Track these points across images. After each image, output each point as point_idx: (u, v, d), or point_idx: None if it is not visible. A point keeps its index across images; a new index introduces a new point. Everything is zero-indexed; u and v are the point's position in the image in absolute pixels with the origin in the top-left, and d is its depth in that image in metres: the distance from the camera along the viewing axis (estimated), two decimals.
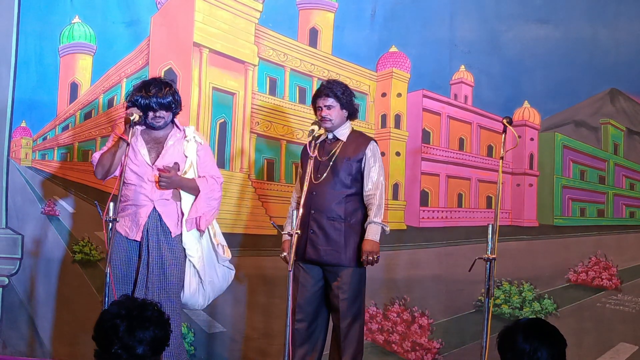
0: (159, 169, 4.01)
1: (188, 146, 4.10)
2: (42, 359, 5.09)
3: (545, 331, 2.71)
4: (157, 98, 3.99)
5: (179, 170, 4.07)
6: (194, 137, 4.12)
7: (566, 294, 4.59)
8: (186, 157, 4.08)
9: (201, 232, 4.09)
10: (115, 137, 4.07)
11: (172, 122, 4.14)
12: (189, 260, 4.06)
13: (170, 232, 4.03)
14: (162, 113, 4.03)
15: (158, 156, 4.06)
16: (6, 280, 5.23)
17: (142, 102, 3.99)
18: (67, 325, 5.05)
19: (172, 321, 3.87)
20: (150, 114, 4.03)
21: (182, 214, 4.06)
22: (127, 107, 4.05)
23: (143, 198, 4.02)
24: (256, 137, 5.00)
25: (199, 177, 4.11)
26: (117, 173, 4.09)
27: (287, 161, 4.98)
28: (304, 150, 4.17)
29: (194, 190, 4.05)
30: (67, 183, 5.23)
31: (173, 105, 4.06)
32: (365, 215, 4.12)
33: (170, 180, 4.00)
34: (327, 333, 4.20)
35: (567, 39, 4.59)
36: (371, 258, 4.04)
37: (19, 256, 5.21)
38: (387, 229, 4.14)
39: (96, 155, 4.13)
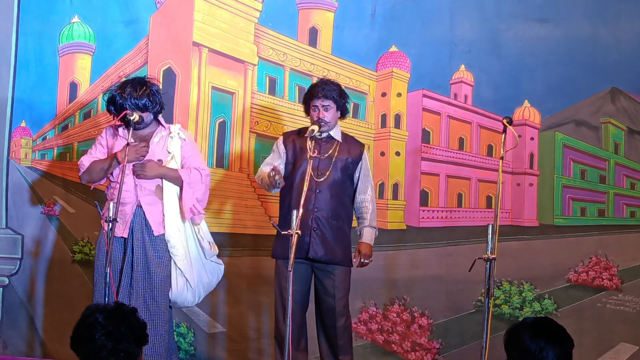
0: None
1: (172, 142, 4.12)
2: (42, 359, 5.09)
3: (552, 331, 2.70)
4: (131, 99, 4.00)
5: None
6: (178, 133, 4.14)
7: (566, 294, 4.58)
8: (169, 153, 4.10)
9: (196, 216, 4.10)
10: (111, 156, 4.07)
11: (157, 120, 4.16)
12: (173, 258, 4.07)
13: (153, 231, 4.04)
14: (139, 113, 4.03)
15: None
16: (6, 280, 5.23)
17: (118, 102, 4.02)
18: (67, 325, 4.93)
19: (158, 320, 3.95)
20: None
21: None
22: (108, 108, 4.09)
23: (128, 195, 4.03)
24: (256, 136, 4.99)
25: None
26: (102, 182, 4.15)
27: None
28: (292, 137, 4.18)
29: (177, 180, 4.06)
30: (67, 183, 5.23)
31: (149, 106, 4.05)
32: (350, 216, 4.15)
33: (144, 167, 4.00)
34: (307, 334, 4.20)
35: (568, 38, 4.59)
36: (367, 261, 4.08)
37: (19, 256, 5.21)
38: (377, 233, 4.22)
39: (84, 161, 4.15)
